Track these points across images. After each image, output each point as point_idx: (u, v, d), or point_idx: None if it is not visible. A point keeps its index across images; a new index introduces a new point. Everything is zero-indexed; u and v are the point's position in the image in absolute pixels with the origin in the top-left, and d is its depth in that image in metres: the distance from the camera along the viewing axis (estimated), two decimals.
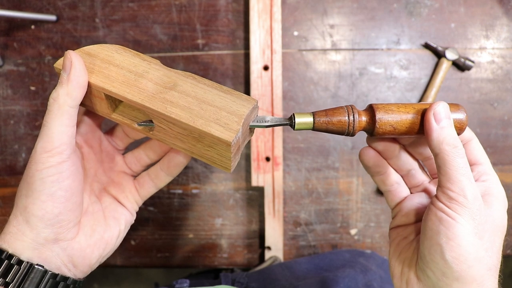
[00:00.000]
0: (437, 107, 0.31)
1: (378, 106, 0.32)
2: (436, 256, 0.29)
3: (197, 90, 0.33)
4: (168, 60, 0.67)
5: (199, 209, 0.68)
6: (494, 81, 0.67)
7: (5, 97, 0.68)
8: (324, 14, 0.67)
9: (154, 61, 0.35)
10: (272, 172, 0.64)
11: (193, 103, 0.32)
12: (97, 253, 0.35)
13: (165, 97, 0.32)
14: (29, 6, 0.67)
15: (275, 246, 0.65)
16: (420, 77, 0.67)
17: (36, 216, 0.31)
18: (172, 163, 0.39)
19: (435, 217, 0.30)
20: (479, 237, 0.29)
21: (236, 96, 0.33)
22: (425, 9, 0.67)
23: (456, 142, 0.30)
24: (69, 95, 0.31)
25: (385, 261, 0.61)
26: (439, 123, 0.30)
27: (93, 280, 1.38)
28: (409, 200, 0.37)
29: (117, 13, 0.67)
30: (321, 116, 0.33)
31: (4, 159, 0.68)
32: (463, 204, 0.29)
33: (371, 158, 0.36)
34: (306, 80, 0.67)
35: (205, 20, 0.67)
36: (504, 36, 0.67)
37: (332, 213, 0.68)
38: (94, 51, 0.35)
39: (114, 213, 0.38)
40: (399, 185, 0.37)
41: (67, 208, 0.32)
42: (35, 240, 0.31)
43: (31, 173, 0.31)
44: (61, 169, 0.31)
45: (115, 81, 0.33)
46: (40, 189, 0.31)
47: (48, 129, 0.31)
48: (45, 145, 0.31)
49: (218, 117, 0.32)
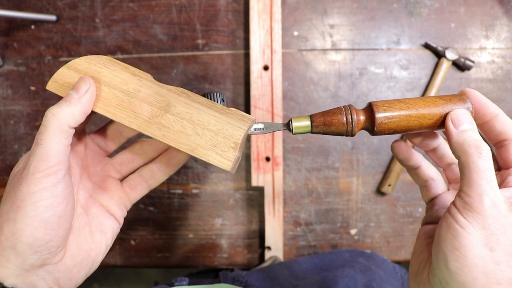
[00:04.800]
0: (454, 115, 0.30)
1: (377, 104, 0.32)
2: (441, 264, 0.28)
3: (192, 111, 0.33)
4: (168, 60, 0.67)
5: (199, 209, 0.68)
6: (494, 81, 0.67)
7: (5, 97, 0.68)
8: (324, 14, 0.67)
9: (145, 75, 0.34)
10: (272, 172, 0.64)
11: (188, 128, 0.32)
12: (83, 272, 0.34)
13: (161, 122, 0.32)
14: (29, 6, 0.67)
15: (275, 246, 0.65)
16: (420, 77, 0.67)
17: (25, 243, 0.29)
18: (172, 162, 0.38)
19: (445, 223, 0.28)
20: (489, 248, 0.27)
21: (231, 117, 0.33)
22: (425, 9, 0.67)
23: (479, 143, 0.28)
24: (73, 116, 0.30)
25: (384, 261, 0.61)
26: (458, 127, 0.29)
27: (93, 280, 1.38)
28: (443, 197, 0.35)
29: (117, 13, 0.67)
30: (319, 118, 0.32)
31: (4, 159, 0.68)
32: (477, 211, 0.27)
33: (402, 151, 0.35)
34: (306, 80, 0.67)
35: (205, 20, 0.67)
36: (504, 36, 0.67)
37: (332, 213, 0.68)
38: (82, 67, 0.34)
39: (101, 226, 0.36)
40: (434, 181, 0.36)
41: (58, 235, 0.30)
42: (20, 266, 0.29)
43: (22, 196, 0.29)
44: (55, 192, 0.29)
45: (109, 104, 0.33)
46: (32, 215, 0.28)
47: (43, 148, 0.29)
48: (40, 164, 0.29)
49: (214, 143, 0.32)
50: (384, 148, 0.67)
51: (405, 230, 0.67)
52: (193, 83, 0.67)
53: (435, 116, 0.31)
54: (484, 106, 0.31)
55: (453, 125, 0.30)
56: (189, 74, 0.67)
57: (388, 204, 0.68)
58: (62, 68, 0.33)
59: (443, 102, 0.32)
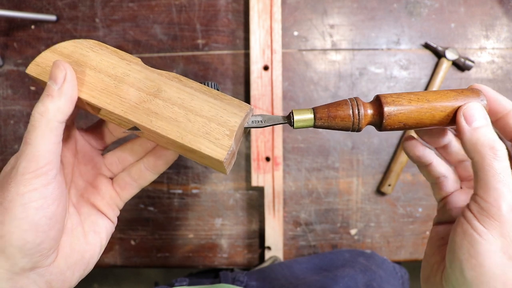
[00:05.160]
0: (467, 109, 0.27)
1: (386, 97, 0.29)
2: (456, 272, 0.26)
3: (184, 96, 0.30)
4: (168, 60, 0.67)
5: (199, 209, 0.68)
6: (494, 81, 0.67)
7: (5, 97, 0.68)
8: (324, 14, 0.67)
9: (135, 59, 0.32)
10: (272, 172, 0.64)
11: (179, 114, 0.30)
12: (77, 275, 0.32)
13: (149, 108, 0.30)
14: (29, 6, 0.67)
15: (275, 246, 0.65)
16: (420, 77, 0.67)
17: (14, 247, 0.27)
18: (160, 162, 0.35)
19: (460, 229, 0.27)
20: (508, 257, 0.25)
21: (227, 103, 0.30)
22: (425, 9, 0.67)
23: (493, 143, 0.26)
24: (60, 110, 0.28)
25: (385, 261, 0.61)
26: (471, 124, 0.27)
27: (93, 280, 1.38)
28: (456, 195, 0.33)
29: (117, 13, 0.67)
30: (323, 111, 0.30)
31: (4, 159, 0.68)
32: (495, 217, 0.25)
33: (414, 149, 0.33)
34: (306, 80, 0.67)
35: (205, 20, 0.67)
36: (504, 36, 0.67)
37: (332, 213, 0.68)
38: (67, 50, 0.31)
39: (95, 226, 0.34)
40: (446, 179, 0.34)
41: (50, 237, 0.28)
42: (10, 270, 0.28)
43: (10, 197, 0.27)
44: (45, 193, 0.28)
45: (94, 89, 0.31)
46: (21, 217, 0.27)
47: (33, 147, 0.27)
48: (29, 164, 0.27)
49: (207, 130, 0.29)
50: (384, 148, 0.67)
51: (405, 230, 0.67)
52: None
53: (447, 108, 0.29)
54: (496, 102, 0.30)
55: (465, 121, 0.27)
56: (189, 74, 0.67)
57: (388, 204, 0.68)
58: (45, 51, 0.31)
59: (455, 94, 0.29)
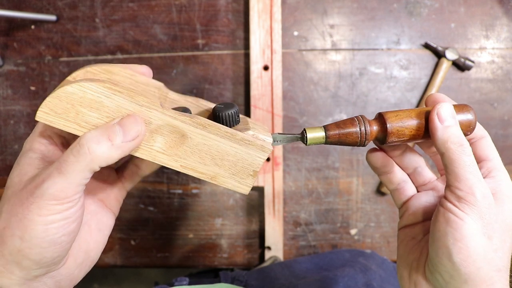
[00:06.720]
0: (440, 108, 0.30)
1: (388, 114, 0.32)
2: (444, 259, 0.28)
3: (210, 143, 0.31)
4: (168, 60, 0.67)
5: (199, 209, 0.68)
6: (494, 81, 0.67)
7: (5, 97, 0.68)
8: (324, 14, 0.67)
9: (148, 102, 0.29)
10: (272, 172, 0.64)
11: (207, 159, 0.32)
12: (83, 272, 0.33)
13: (177, 154, 0.31)
14: (29, 6, 0.67)
15: (275, 246, 0.65)
16: (420, 77, 0.67)
17: (31, 260, 0.27)
18: None
19: (442, 218, 0.29)
20: (488, 237, 0.28)
21: (251, 148, 0.32)
22: (425, 9, 0.67)
23: (462, 141, 0.29)
24: (109, 160, 0.27)
25: (385, 261, 0.61)
26: (443, 123, 0.30)
27: (93, 280, 1.38)
28: (416, 198, 0.36)
29: (117, 13, 0.67)
30: (333, 129, 0.32)
31: (4, 159, 0.68)
32: (472, 202, 0.28)
33: (379, 159, 0.36)
34: (306, 80, 0.67)
35: (205, 20, 0.67)
36: (504, 36, 0.67)
37: (332, 213, 0.68)
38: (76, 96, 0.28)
39: (100, 224, 0.35)
40: (406, 183, 0.37)
41: (67, 250, 0.29)
42: (24, 277, 0.28)
43: (31, 217, 0.27)
44: (67, 215, 0.28)
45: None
46: (41, 237, 0.27)
47: (66, 179, 0.27)
48: (58, 194, 0.26)
49: (234, 172, 0.32)
50: None
51: None
52: (193, 83, 0.67)
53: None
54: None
55: (438, 120, 0.30)
56: (189, 74, 0.67)
57: (388, 204, 0.68)
58: (50, 97, 0.27)
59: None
